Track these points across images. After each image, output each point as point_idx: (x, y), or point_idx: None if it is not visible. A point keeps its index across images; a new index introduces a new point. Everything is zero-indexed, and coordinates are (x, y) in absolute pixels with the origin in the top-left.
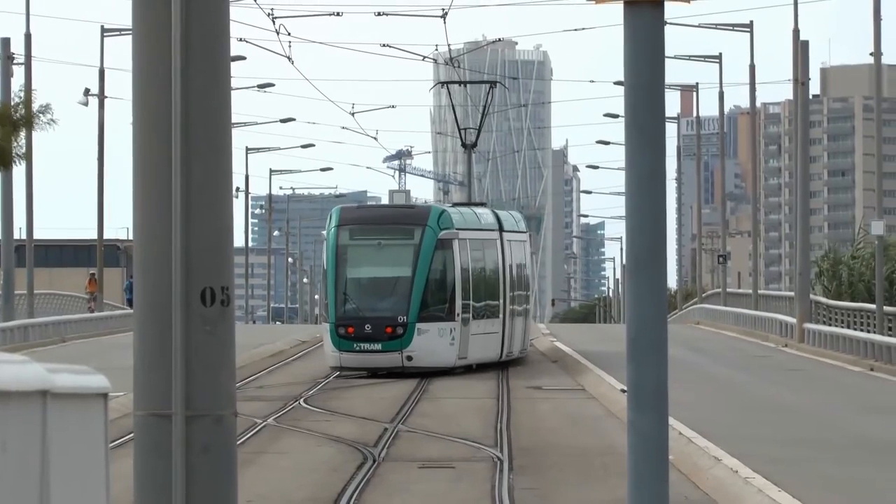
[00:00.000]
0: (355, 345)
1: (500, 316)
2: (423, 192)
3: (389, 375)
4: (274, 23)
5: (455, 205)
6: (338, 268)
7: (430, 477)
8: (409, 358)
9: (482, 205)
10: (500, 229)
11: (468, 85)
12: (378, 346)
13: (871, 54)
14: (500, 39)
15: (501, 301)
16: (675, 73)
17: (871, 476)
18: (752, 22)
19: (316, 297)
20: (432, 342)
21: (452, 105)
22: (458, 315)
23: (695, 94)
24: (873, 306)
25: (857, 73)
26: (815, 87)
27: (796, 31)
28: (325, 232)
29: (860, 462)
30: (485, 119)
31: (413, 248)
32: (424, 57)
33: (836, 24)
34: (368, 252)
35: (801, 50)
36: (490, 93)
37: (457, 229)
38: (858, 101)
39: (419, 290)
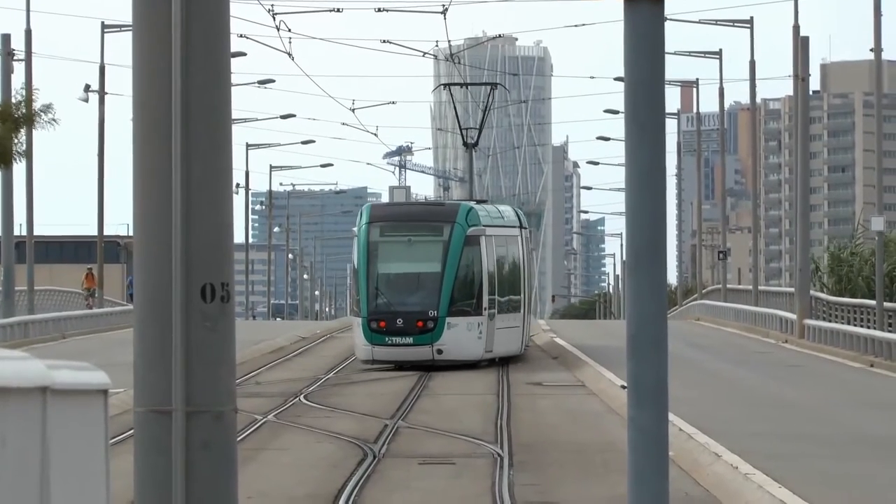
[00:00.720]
0: (387, 339)
1: (521, 311)
2: (423, 188)
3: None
4: (274, 19)
5: (479, 202)
6: (369, 264)
7: (430, 473)
8: (440, 351)
9: (484, 202)
10: (521, 226)
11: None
12: (409, 340)
13: (871, 50)
14: (500, 35)
15: (523, 296)
16: (675, 68)
17: (872, 472)
18: (752, 18)
19: (317, 293)
20: (461, 336)
21: (454, 104)
22: (485, 310)
23: (695, 90)
24: (873, 302)
25: (858, 69)
26: (815, 83)
27: (796, 27)
28: (354, 228)
29: (860, 458)
30: (486, 119)
31: (442, 245)
32: (425, 53)
33: (837, 20)
34: (399, 248)
35: (801, 46)
36: (491, 94)
37: (483, 226)
38: (859, 97)
39: (449, 285)
